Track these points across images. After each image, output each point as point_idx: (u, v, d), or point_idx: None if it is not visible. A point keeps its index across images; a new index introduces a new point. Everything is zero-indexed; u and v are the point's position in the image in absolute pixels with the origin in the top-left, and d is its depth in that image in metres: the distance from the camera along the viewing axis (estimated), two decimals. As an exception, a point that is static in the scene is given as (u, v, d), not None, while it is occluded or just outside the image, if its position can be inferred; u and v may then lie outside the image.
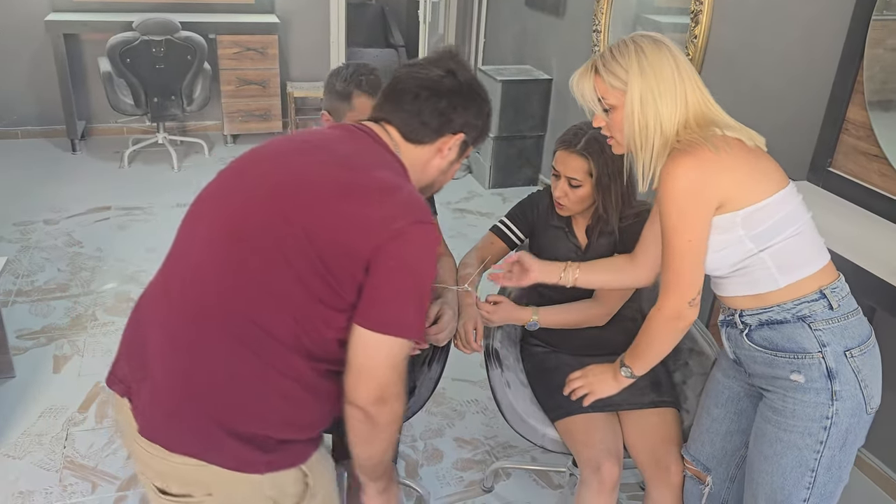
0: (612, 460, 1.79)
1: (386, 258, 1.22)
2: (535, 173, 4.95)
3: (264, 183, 1.28)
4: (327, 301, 1.23)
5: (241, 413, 1.24)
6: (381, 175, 1.29)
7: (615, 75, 1.46)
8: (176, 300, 1.28)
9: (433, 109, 1.38)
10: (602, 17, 3.98)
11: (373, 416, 1.29)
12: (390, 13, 7.19)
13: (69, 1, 5.04)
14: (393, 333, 1.24)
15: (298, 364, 1.26)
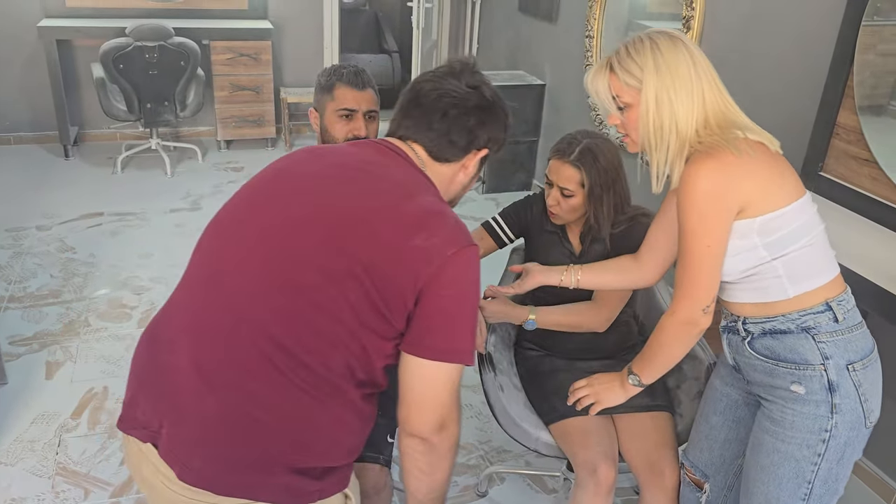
0: (608, 462, 1.79)
1: (438, 287, 1.21)
2: (528, 178, 4.96)
3: (317, 211, 1.24)
4: (379, 331, 1.22)
5: (299, 448, 1.22)
6: (426, 202, 1.27)
7: (630, 73, 1.43)
8: (213, 332, 1.21)
9: (462, 128, 1.35)
10: (595, 22, 4.00)
11: (434, 445, 1.28)
12: (384, 19, 7.21)
13: (62, 7, 5.04)
14: (451, 360, 1.24)
15: (351, 393, 1.25)
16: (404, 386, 1.26)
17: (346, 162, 1.33)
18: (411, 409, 1.26)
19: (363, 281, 1.18)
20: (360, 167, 1.31)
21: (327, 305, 1.18)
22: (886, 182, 2.25)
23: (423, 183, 1.33)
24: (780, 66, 2.79)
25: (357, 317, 1.19)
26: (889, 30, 2.33)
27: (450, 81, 1.37)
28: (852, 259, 1.93)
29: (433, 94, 1.36)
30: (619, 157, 1.92)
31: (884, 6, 2.30)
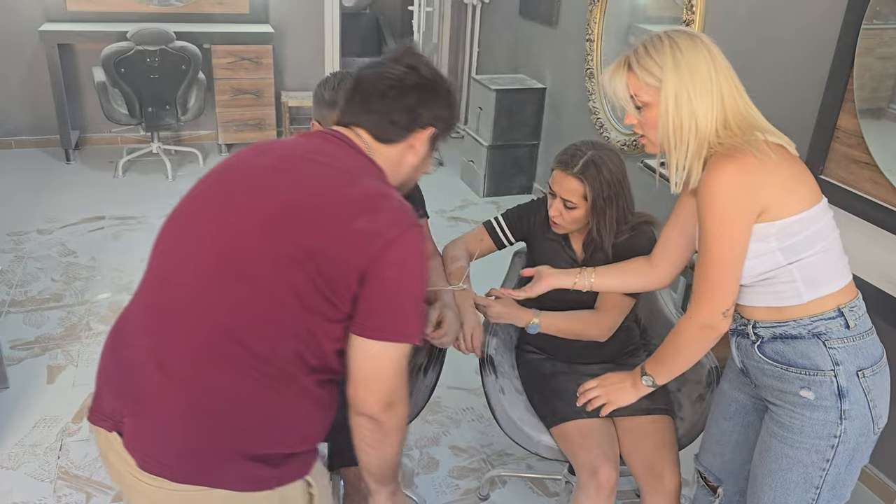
0: (609, 464, 1.79)
1: (382, 268, 1.23)
2: (529, 181, 4.97)
3: (261, 204, 1.26)
4: (326, 314, 1.24)
5: (255, 436, 1.24)
6: (369, 185, 1.30)
7: (649, 72, 1.41)
8: (166, 325, 1.25)
9: (402, 107, 1.38)
10: (595, 26, 4.01)
11: (382, 423, 1.31)
12: (384, 23, 7.21)
13: (63, 11, 5.05)
14: (396, 340, 1.26)
15: (303, 380, 1.27)
16: (352, 366, 1.28)
17: (292, 153, 1.35)
18: (359, 388, 1.28)
19: (306, 266, 1.20)
20: (305, 156, 1.34)
21: (272, 293, 1.21)
22: (887, 185, 2.25)
23: (368, 167, 1.35)
24: (780, 69, 2.80)
25: (302, 302, 1.21)
26: (889, 33, 2.34)
27: (389, 65, 1.40)
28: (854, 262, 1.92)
29: (372, 78, 1.40)
30: (623, 168, 1.90)
31: (883, 10, 2.30)
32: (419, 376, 1.97)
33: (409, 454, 2.56)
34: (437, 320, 1.79)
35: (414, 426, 2.57)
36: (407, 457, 2.55)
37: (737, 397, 1.65)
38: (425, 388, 1.98)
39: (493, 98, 4.62)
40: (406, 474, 2.48)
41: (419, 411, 2.02)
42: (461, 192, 4.99)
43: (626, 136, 3.76)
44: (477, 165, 4.93)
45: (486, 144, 4.77)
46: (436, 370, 1.97)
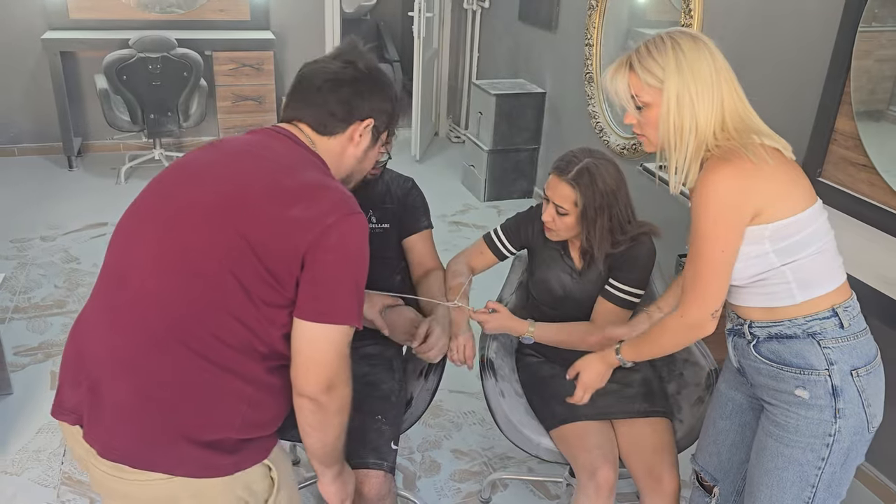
0: (607, 465, 1.80)
1: (321, 253, 1.28)
2: (529, 185, 4.98)
3: (202, 197, 1.31)
4: (270, 301, 1.29)
5: (202, 422, 1.28)
6: (308, 176, 1.35)
7: (651, 73, 1.42)
8: (122, 321, 1.29)
9: (337, 99, 1.43)
10: (594, 31, 4.02)
11: (323, 405, 1.35)
12: (385, 28, 7.24)
13: (66, 19, 5.08)
14: (335, 322, 1.30)
15: (252, 366, 1.31)
16: (293, 349, 1.32)
17: (235, 148, 1.41)
18: (300, 370, 1.32)
19: (247, 255, 1.25)
20: (247, 150, 1.40)
21: (216, 283, 1.26)
22: (884, 187, 2.27)
23: (308, 159, 1.40)
24: (778, 72, 2.81)
25: (247, 291, 1.26)
26: (886, 36, 2.35)
27: (327, 62, 1.47)
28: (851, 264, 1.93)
29: (310, 74, 1.47)
30: (620, 178, 1.89)
31: (881, 13, 2.32)
32: (420, 380, 1.99)
33: (411, 457, 2.57)
34: (425, 335, 1.81)
35: (415, 430, 2.58)
36: (409, 460, 2.56)
37: (733, 397, 1.67)
38: (427, 392, 1.99)
39: (493, 103, 4.64)
40: (407, 477, 2.49)
41: (421, 414, 2.03)
42: (462, 197, 5.01)
43: (626, 140, 3.77)
44: (478, 170, 4.94)
45: (486, 149, 4.78)
46: (437, 374, 1.99)
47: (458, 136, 6.13)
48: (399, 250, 2.09)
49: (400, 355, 2.14)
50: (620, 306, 1.93)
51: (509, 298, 2.21)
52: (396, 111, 1.54)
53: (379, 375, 1.98)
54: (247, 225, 1.27)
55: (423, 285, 2.02)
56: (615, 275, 1.93)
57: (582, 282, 1.97)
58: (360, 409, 1.87)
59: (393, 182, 2.09)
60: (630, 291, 1.92)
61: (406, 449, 2.60)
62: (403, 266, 2.13)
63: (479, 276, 2.11)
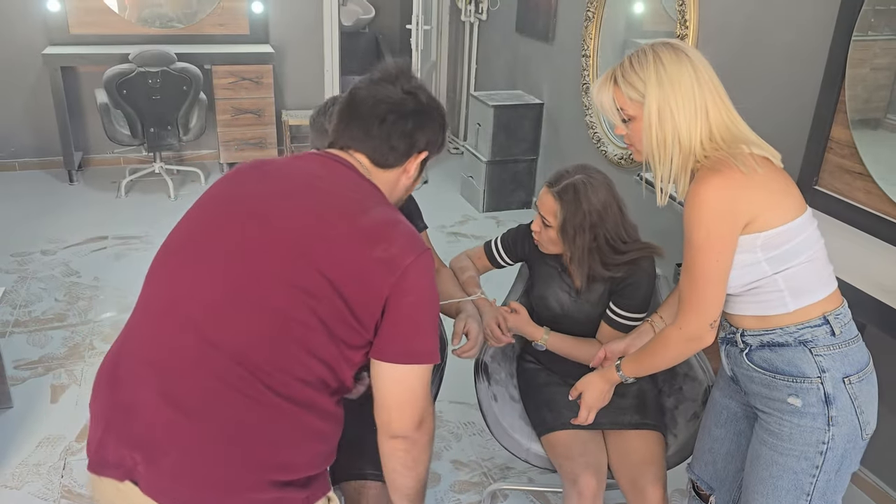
0: (589, 473, 1.80)
1: (401, 295, 1.27)
2: (528, 196, 4.99)
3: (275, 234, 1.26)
4: (350, 342, 1.28)
5: (285, 463, 1.25)
6: (380, 213, 1.32)
7: (633, 87, 1.43)
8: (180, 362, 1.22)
9: (401, 133, 1.39)
10: (591, 42, 4.05)
11: (416, 441, 1.36)
12: (383, 41, 7.28)
13: (66, 34, 5.11)
14: (422, 362, 1.31)
15: (324, 402, 1.30)
16: (383, 391, 1.32)
17: (294, 178, 1.35)
18: (392, 412, 1.32)
19: (332, 296, 1.23)
20: (309, 182, 1.34)
21: (298, 323, 1.22)
22: (880, 195, 2.27)
23: (373, 193, 1.37)
24: (773, 81, 2.82)
25: (328, 331, 1.24)
26: (880, 44, 2.36)
27: (386, 87, 1.40)
28: (848, 271, 1.95)
29: (370, 100, 1.39)
30: (611, 201, 1.84)
31: (876, 21, 2.33)
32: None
33: (411, 469, 2.57)
34: (464, 332, 1.80)
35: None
36: (409, 471, 2.55)
37: (728, 405, 1.66)
38: (425, 401, 1.99)
39: (491, 114, 4.66)
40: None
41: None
42: (461, 208, 5.02)
43: (623, 150, 3.78)
44: (476, 181, 4.96)
45: (484, 160, 4.80)
46: (435, 384, 1.99)
47: (456, 147, 6.15)
48: None
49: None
50: (622, 332, 1.92)
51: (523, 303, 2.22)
52: (445, 140, 1.52)
53: (378, 386, 1.98)
54: (330, 265, 1.23)
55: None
56: (616, 301, 1.92)
57: (581, 302, 1.96)
58: (358, 419, 1.87)
59: None
60: (631, 317, 1.92)
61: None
62: None
63: (484, 285, 2.12)
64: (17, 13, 5.01)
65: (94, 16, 5.14)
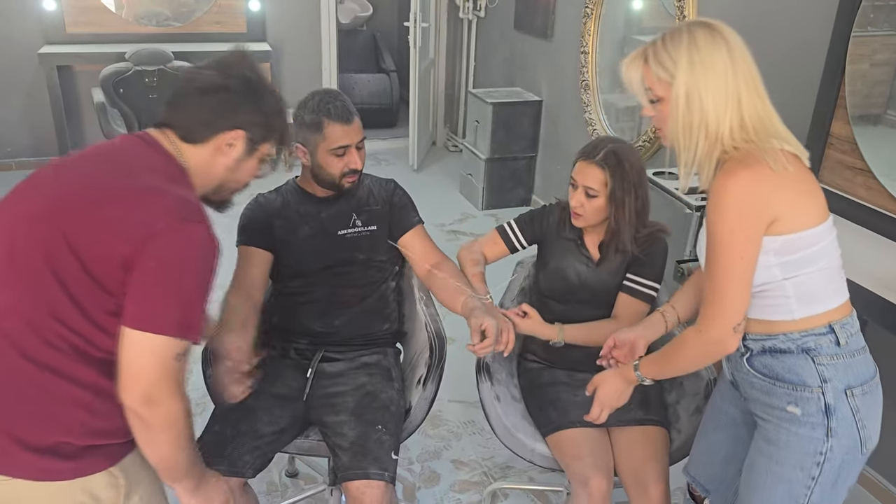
0: (600, 474, 1.79)
1: (145, 259, 1.24)
2: (527, 193, 4.98)
3: (39, 201, 1.31)
4: (100, 305, 1.26)
5: (34, 426, 1.26)
6: (148, 180, 1.32)
7: (663, 66, 1.35)
8: None
9: (203, 107, 1.41)
10: (589, 38, 4.03)
11: (145, 419, 1.30)
12: (381, 39, 7.26)
13: (62, 33, 5.09)
14: (152, 330, 1.25)
15: (87, 372, 1.28)
16: (119, 356, 1.28)
17: (90, 153, 1.41)
18: (120, 380, 1.28)
19: (66, 255, 1.24)
20: (99, 154, 1.40)
21: (43, 286, 1.24)
22: (881, 191, 2.26)
23: (158, 166, 1.37)
24: (773, 77, 2.79)
25: (68, 293, 1.24)
26: (880, 40, 2.36)
27: (206, 70, 1.45)
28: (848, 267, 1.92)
29: (185, 80, 1.46)
30: (642, 164, 1.94)
31: (875, 17, 2.32)
32: (419, 388, 1.98)
33: (411, 468, 2.56)
34: (481, 329, 1.78)
35: (414, 440, 2.57)
36: (408, 471, 2.55)
37: (727, 410, 1.63)
38: (425, 400, 1.98)
39: (490, 111, 4.65)
40: (407, 488, 2.47)
41: (419, 424, 2.02)
42: (460, 206, 5.01)
43: (623, 147, 3.77)
44: (475, 179, 4.94)
45: (483, 158, 4.79)
46: (435, 383, 1.98)
47: (455, 145, 6.14)
48: (391, 254, 2.09)
49: (398, 364, 2.14)
50: (641, 300, 1.97)
51: (510, 305, 2.21)
52: (274, 125, 1.50)
53: (378, 385, 1.97)
54: (71, 226, 1.25)
55: (437, 279, 2.00)
56: (634, 270, 1.97)
57: (599, 272, 2.00)
58: (360, 418, 1.86)
59: (375, 185, 2.11)
60: (649, 285, 1.97)
61: (405, 460, 2.59)
62: (398, 272, 2.13)
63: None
64: (14, 12, 4.99)
65: (90, 15, 5.12)
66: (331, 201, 2.03)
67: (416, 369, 2.06)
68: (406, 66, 5.72)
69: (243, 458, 1.76)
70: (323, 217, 2.02)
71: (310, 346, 2.05)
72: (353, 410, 1.89)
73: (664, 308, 1.79)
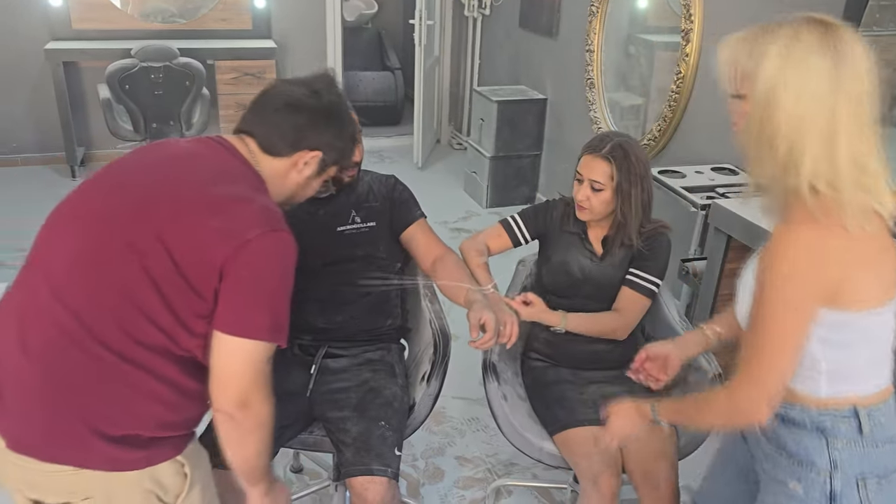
0: (610, 471, 1.80)
1: (238, 267, 1.29)
2: (531, 192, 4.98)
3: (126, 199, 1.34)
4: (186, 307, 1.30)
5: (112, 417, 1.29)
6: (235, 189, 1.37)
7: (750, 55, 1.14)
8: (34, 314, 1.30)
9: (291, 124, 1.47)
10: (595, 36, 4.03)
11: (238, 421, 1.35)
12: (386, 36, 7.26)
13: (68, 29, 5.10)
14: (246, 335, 1.31)
15: (168, 368, 1.32)
16: (212, 361, 1.33)
17: (172, 153, 1.44)
18: (214, 384, 1.33)
19: (163, 258, 1.27)
20: (180, 156, 1.43)
21: (133, 283, 1.27)
22: (887, 190, 2.26)
23: (241, 173, 1.42)
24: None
25: (160, 294, 1.27)
26: (886, 39, 2.35)
27: (296, 85, 1.51)
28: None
29: (273, 92, 1.52)
30: (647, 158, 1.96)
31: (881, 16, 2.32)
32: (422, 385, 1.99)
33: (415, 464, 2.57)
34: (480, 323, 1.77)
35: (418, 436, 2.57)
36: (412, 467, 2.55)
37: (736, 459, 1.48)
38: (429, 397, 1.99)
39: (494, 109, 4.65)
40: (411, 485, 2.48)
41: (423, 420, 2.03)
42: (464, 204, 5.01)
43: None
44: (479, 176, 4.95)
45: (488, 155, 4.79)
46: (439, 379, 1.98)
47: (459, 143, 6.14)
48: (392, 250, 2.08)
49: (402, 360, 2.14)
50: (642, 294, 2.00)
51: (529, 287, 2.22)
52: (349, 150, 1.58)
53: (381, 381, 1.98)
54: (165, 228, 1.29)
55: (442, 271, 1.98)
56: (638, 265, 2.00)
57: (603, 266, 2.02)
58: (364, 415, 1.87)
59: (375, 181, 2.11)
60: (651, 280, 2.00)
61: (409, 456, 2.59)
62: (399, 269, 2.13)
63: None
64: (20, 8, 5.00)
65: (96, 11, 5.13)
66: (330, 197, 2.04)
67: (421, 366, 2.06)
68: (411, 63, 5.72)
69: None
70: (322, 213, 2.03)
71: (313, 343, 2.06)
72: (357, 406, 1.90)
73: (707, 327, 1.66)
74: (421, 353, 2.11)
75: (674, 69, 3.36)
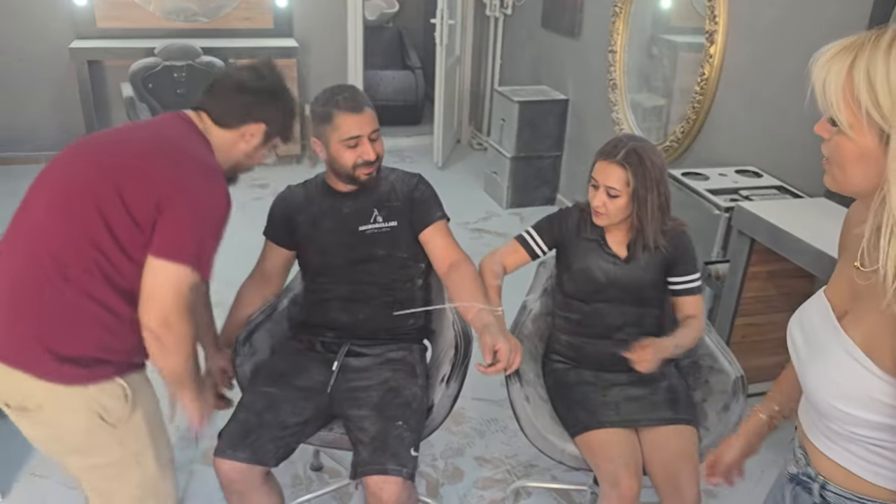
0: (630, 474, 1.79)
1: (175, 204, 1.51)
2: (552, 193, 4.97)
3: (90, 152, 1.61)
4: (130, 239, 1.50)
5: (63, 339, 1.50)
6: (184, 145, 1.63)
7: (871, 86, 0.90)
8: (13, 247, 1.54)
9: (238, 101, 1.73)
10: (618, 37, 4.01)
11: (160, 338, 1.54)
12: (407, 36, 7.27)
13: (93, 28, 5.15)
14: (171, 259, 1.51)
15: (113, 297, 1.52)
16: (142, 284, 1.52)
17: (131, 125, 1.82)
18: (141, 304, 1.53)
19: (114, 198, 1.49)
20: (139, 125, 1.83)
21: (90, 218, 1.48)
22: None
23: (193, 139, 1.68)
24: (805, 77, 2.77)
25: (109, 227, 1.49)
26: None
27: (244, 70, 1.79)
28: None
29: (225, 77, 1.79)
30: (663, 161, 1.95)
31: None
32: (442, 386, 1.98)
33: (434, 464, 2.57)
34: (494, 349, 1.73)
35: (438, 436, 2.57)
36: (431, 467, 2.55)
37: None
38: (448, 398, 1.98)
39: (516, 110, 4.64)
40: (430, 484, 2.48)
41: (442, 420, 2.02)
42: (484, 204, 5.01)
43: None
44: (500, 177, 4.94)
45: (509, 156, 4.78)
46: (458, 381, 1.98)
47: (480, 143, 6.13)
48: (415, 251, 2.08)
49: (423, 361, 2.14)
50: (697, 294, 2.04)
51: (534, 305, 2.20)
52: (289, 125, 1.82)
53: (401, 381, 1.98)
54: (122, 180, 1.51)
55: (454, 280, 1.98)
56: (677, 271, 2.01)
57: (630, 269, 2.00)
58: (382, 414, 1.87)
59: (398, 181, 2.10)
60: (694, 279, 2.02)
61: (429, 456, 2.59)
62: (423, 269, 2.12)
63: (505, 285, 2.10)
64: (46, 7, 5.06)
65: (120, 10, 5.18)
66: (353, 196, 2.04)
67: (441, 367, 2.06)
68: (431, 63, 5.73)
69: (266, 447, 1.78)
70: (345, 212, 2.03)
71: (336, 340, 2.06)
72: (376, 405, 1.90)
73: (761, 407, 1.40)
74: (443, 354, 2.10)
75: (697, 70, 3.33)
